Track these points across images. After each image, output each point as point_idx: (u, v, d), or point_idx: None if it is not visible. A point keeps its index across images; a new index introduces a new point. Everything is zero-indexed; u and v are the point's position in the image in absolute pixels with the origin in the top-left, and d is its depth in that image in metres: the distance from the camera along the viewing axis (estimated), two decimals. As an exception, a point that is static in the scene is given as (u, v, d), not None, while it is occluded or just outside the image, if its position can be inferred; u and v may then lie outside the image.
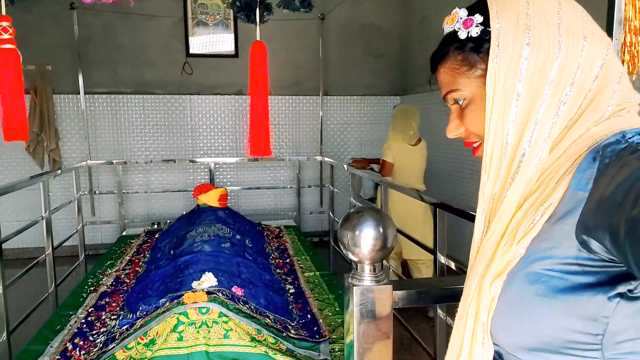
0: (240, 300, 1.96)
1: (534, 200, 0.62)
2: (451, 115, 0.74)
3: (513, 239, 0.62)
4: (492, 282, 0.63)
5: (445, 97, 0.73)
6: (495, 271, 0.64)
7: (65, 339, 2.02)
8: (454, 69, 0.71)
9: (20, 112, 2.52)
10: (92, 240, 5.10)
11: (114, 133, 5.20)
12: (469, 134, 0.73)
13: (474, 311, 0.65)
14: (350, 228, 1.06)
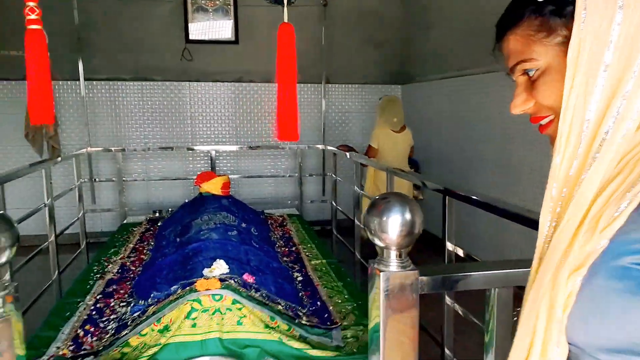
0: (252, 288, 1.96)
1: (618, 185, 0.57)
2: (517, 88, 0.67)
3: (594, 228, 0.56)
4: (570, 276, 0.57)
5: (514, 68, 0.67)
6: (573, 264, 0.58)
7: (75, 325, 2.01)
8: (529, 36, 0.64)
9: (47, 94, 2.48)
10: (91, 228, 5.07)
11: (112, 120, 5.15)
12: (539, 109, 0.66)
13: (546, 307, 0.59)
14: (377, 214, 1.06)
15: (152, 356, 1.67)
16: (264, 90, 5.45)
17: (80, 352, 1.78)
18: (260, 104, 5.47)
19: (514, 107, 0.68)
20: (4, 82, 4.88)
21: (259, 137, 5.50)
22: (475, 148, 4.09)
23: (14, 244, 0.91)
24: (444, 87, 4.67)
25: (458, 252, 2.23)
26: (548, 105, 0.65)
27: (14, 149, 4.99)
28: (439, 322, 2.32)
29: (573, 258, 0.57)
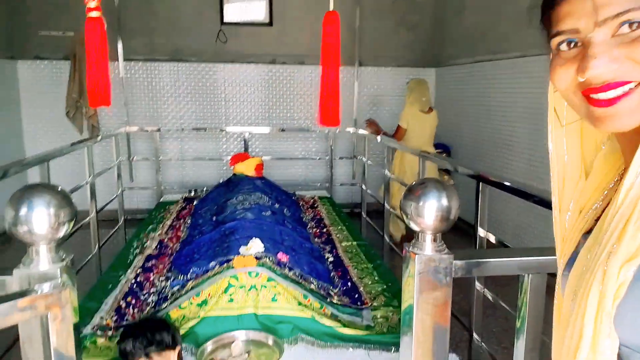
0: (285, 266, 2.02)
1: None
2: (599, 46, 0.56)
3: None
4: (623, 265, 0.54)
5: (616, 17, 0.55)
6: (626, 253, 0.54)
7: (118, 297, 2.12)
8: None
9: (105, 79, 2.59)
10: (129, 205, 5.24)
11: (149, 100, 5.28)
12: (627, 72, 0.56)
13: (596, 298, 0.56)
14: (414, 199, 1.09)
15: (191, 328, 1.75)
16: (297, 73, 5.46)
17: (122, 323, 1.88)
18: (294, 86, 5.49)
19: (595, 67, 0.56)
20: (45, 61, 5.05)
21: (290, 120, 5.54)
22: (507, 133, 4.02)
23: (72, 219, 0.97)
24: (476, 71, 4.59)
25: (490, 238, 2.23)
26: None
27: (53, 127, 5.18)
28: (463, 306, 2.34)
29: (626, 245, 0.54)
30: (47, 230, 0.93)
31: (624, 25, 0.55)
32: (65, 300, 0.91)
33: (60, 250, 1.00)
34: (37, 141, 5.14)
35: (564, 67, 0.61)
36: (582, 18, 0.57)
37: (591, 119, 0.60)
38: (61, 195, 0.95)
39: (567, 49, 0.61)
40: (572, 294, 0.62)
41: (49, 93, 5.09)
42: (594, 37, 0.57)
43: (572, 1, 0.59)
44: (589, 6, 0.56)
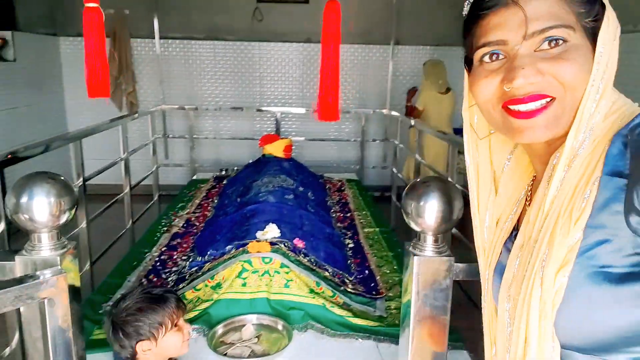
0: (301, 253, 2.02)
1: (581, 176, 0.59)
2: (525, 58, 0.60)
3: (569, 219, 0.59)
4: (557, 272, 0.59)
5: (542, 32, 0.60)
6: (557, 260, 0.59)
7: (141, 274, 2.19)
8: (571, 4, 0.61)
9: (103, 70, 2.64)
10: (165, 181, 5.39)
11: (185, 78, 5.35)
12: (547, 86, 0.61)
13: (537, 305, 0.61)
14: (415, 198, 1.05)
15: (205, 310, 1.79)
16: (332, 52, 5.38)
17: (142, 300, 1.94)
18: (328, 65, 5.42)
19: (523, 76, 0.60)
20: (88, 39, 5.18)
21: (324, 99, 5.49)
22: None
23: (72, 207, 1.00)
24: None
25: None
26: (565, 83, 0.60)
27: (95, 103, 5.33)
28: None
29: (557, 253, 0.59)
30: (48, 218, 0.96)
31: (545, 41, 0.60)
32: (62, 287, 0.94)
33: (63, 238, 1.02)
34: (79, 117, 5.33)
35: (487, 78, 0.64)
36: (512, 30, 0.61)
37: (509, 131, 0.64)
38: (61, 184, 0.98)
39: (490, 61, 0.64)
40: (506, 301, 0.67)
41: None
42: (521, 50, 0.61)
43: (502, 13, 0.62)
44: (519, 19, 0.60)
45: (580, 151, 0.60)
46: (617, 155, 0.57)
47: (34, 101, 4.68)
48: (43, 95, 4.88)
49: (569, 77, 0.60)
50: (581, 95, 0.60)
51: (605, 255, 0.57)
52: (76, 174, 2.69)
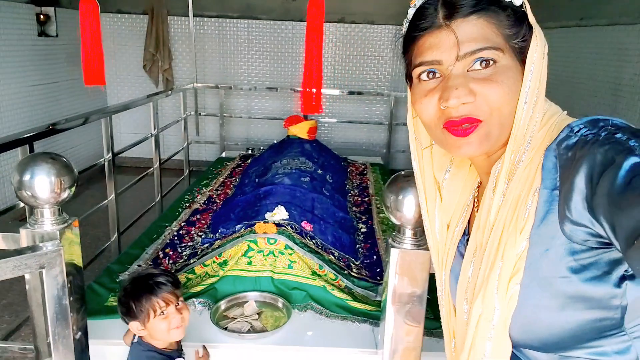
0: (307, 235, 2.07)
1: (522, 187, 0.64)
2: (458, 78, 0.64)
3: (515, 230, 0.63)
4: (509, 281, 0.64)
5: (473, 53, 0.64)
6: (509, 269, 0.64)
7: (158, 247, 2.31)
8: (502, 27, 0.64)
9: (99, 59, 2.74)
10: (196, 157, 5.55)
11: (219, 57, 5.43)
12: (476, 109, 0.64)
13: (492, 310, 0.66)
14: (395, 191, 1.07)
15: (211, 285, 1.88)
16: (365, 32, 5.34)
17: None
18: (361, 46, 5.38)
19: (456, 97, 0.64)
20: (125, 15, 5.33)
21: (356, 81, 5.47)
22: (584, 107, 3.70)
23: (72, 185, 1.08)
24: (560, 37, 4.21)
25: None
26: (492, 105, 0.64)
27: (133, 78, 5.52)
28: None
29: (507, 262, 0.63)
30: (49, 195, 1.05)
31: (477, 61, 0.64)
32: (59, 259, 1.02)
33: (64, 213, 1.11)
34: (118, 92, 5.53)
35: (427, 97, 0.68)
36: (445, 51, 0.64)
37: (449, 146, 0.69)
38: (61, 164, 1.05)
39: (427, 79, 0.68)
40: (464, 303, 0.73)
41: (129, 46, 5.41)
42: (454, 70, 0.65)
43: (436, 34, 0.65)
44: (452, 41, 0.64)
45: (520, 164, 0.64)
46: (552, 169, 0.61)
47: (75, 76, 4.89)
48: (84, 70, 5.08)
49: (495, 98, 0.64)
50: (508, 111, 0.64)
51: (548, 263, 0.61)
52: (105, 148, 2.82)
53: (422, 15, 0.67)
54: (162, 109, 5.46)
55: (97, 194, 3.22)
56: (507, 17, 0.65)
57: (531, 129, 0.64)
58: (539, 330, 0.63)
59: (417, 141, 0.82)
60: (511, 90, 0.64)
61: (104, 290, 1.91)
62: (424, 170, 0.83)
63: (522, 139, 0.64)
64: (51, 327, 1.08)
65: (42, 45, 4.38)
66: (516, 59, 0.65)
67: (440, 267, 0.82)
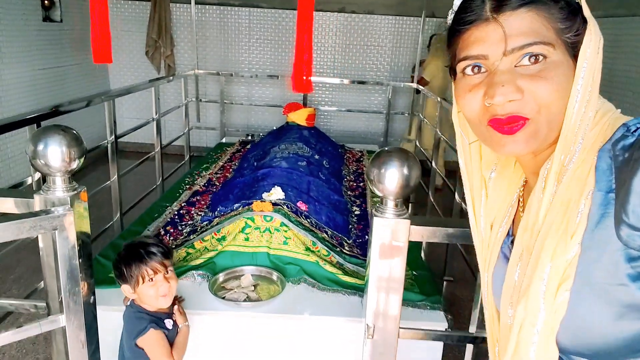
0: (302, 215, 2.17)
1: (573, 189, 0.60)
2: (505, 74, 0.61)
3: (565, 234, 0.60)
4: (559, 288, 0.60)
5: (521, 49, 0.60)
6: (558, 275, 0.60)
7: (159, 225, 2.41)
8: (554, 20, 0.60)
9: (106, 38, 2.82)
10: (197, 142, 5.64)
11: (221, 44, 5.50)
12: (523, 107, 0.61)
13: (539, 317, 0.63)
14: (378, 165, 1.17)
15: (210, 258, 1.98)
16: (365, 22, 5.40)
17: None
18: (361, 36, 5.45)
19: (502, 94, 0.61)
20: (128, 1, 5.40)
21: (355, 70, 5.54)
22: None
23: (81, 156, 1.17)
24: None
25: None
26: (541, 103, 0.61)
27: (136, 64, 5.60)
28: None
29: (557, 268, 0.60)
30: (60, 164, 1.14)
31: (525, 56, 0.60)
32: (70, 221, 1.12)
33: (74, 182, 1.21)
34: (121, 77, 5.61)
35: (471, 92, 0.65)
36: (492, 46, 0.61)
37: (493, 144, 0.66)
38: (71, 135, 1.15)
39: (472, 74, 0.65)
40: (509, 307, 0.69)
41: (132, 32, 5.48)
42: (501, 65, 0.61)
43: (482, 28, 0.62)
44: (499, 35, 0.60)
45: (570, 165, 0.61)
46: (607, 171, 0.58)
47: (79, 61, 4.97)
48: (87, 55, 5.14)
49: (545, 95, 0.60)
50: (557, 110, 0.61)
51: (603, 269, 0.57)
52: (109, 131, 2.91)
53: (469, 7, 0.63)
54: (163, 95, 5.54)
55: (101, 177, 3.32)
56: (559, 10, 0.60)
57: (583, 128, 0.61)
58: (592, 338, 0.60)
59: (463, 136, 0.78)
60: (561, 87, 0.60)
61: (108, 262, 2.01)
62: (472, 166, 0.79)
63: (573, 139, 0.61)
64: (62, 285, 1.18)
65: (46, 30, 4.45)
66: (568, 54, 0.61)
67: (483, 268, 0.79)
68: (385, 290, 1.23)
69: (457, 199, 2.92)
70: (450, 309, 2.85)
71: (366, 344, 1.28)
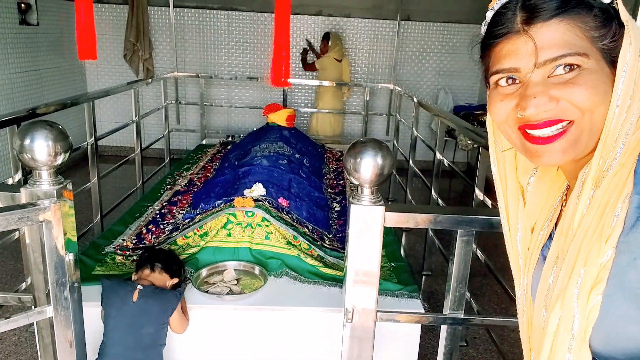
0: (283, 210, 2.23)
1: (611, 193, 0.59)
2: (537, 86, 0.61)
3: (600, 238, 0.59)
4: (591, 291, 0.59)
5: (553, 60, 0.60)
6: (591, 279, 0.59)
7: (141, 224, 2.43)
8: (587, 29, 0.59)
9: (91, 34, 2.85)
10: (178, 145, 5.65)
11: (201, 47, 5.53)
12: (563, 111, 0.60)
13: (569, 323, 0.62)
14: (354, 155, 1.23)
15: (193, 254, 2.02)
16: (342, 25, 5.48)
17: (139, 245, 2.18)
18: (339, 38, 5.53)
19: (535, 106, 0.60)
20: (105, 5, 5.38)
21: (334, 72, 5.61)
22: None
23: (67, 151, 1.21)
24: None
25: (487, 201, 2.32)
26: (581, 107, 0.60)
27: (114, 67, 5.58)
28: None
29: (589, 272, 0.59)
30: (46, 158, 1.17)
31: (559, 67, 0.60)
32: (57, 213, 1.16)
33: (60, 176, 1.24)
34: (99, 81, 5.58)
35: (503, 101, 0.65)
36: (524, 58, 0.61)
37: (527, 153, 0.65)
38: (57, 131, 1.19)
39: (506, 85, 0.65)
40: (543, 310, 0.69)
41: (110, 35, 5.46)
42: (533, 77, 0.61)
43: (514, 41, 0.62)
44: (530, 48, 0.60)
45: (610, 170, 0.60)
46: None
47: (56, 64, 4.93)
48: (64, 58, 5.12)
49: (582, 100, 0.59)
50: (600, 117, 0.60)
51: (637, 273, 0.56)
52: (88, 133, 2.92)
53: (500, 20, 0.63)
54: (143, 98, 5.53)
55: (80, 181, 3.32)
56: (593, 17, 0.59)
57: (624, 133, 0.59)
58: (625, 343, 0.59)
59: (496, 144, 0.76)
60: (598, 92, 0.59)
61: (90, 260, 2.03)
62: (506, 174, 0.77)
63: (613, 144, 0.59)
64: (50, 277, 1.21)
65: (23, 34, 4.42)
66: (604, 61, 0.60)
67: (523, 272, 0.78)
68: (363, 274, 1.29)
69: (434, 195, 3.01)
70: (428, 301, 2.94)
71: (346, 327, 1.34)
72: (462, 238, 1.28)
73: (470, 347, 2.53)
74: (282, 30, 2.98)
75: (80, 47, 2.89)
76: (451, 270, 1.34)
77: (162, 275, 1.76)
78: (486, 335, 2.54)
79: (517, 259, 0.78)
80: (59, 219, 1.16)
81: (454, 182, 5.27)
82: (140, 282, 1.69)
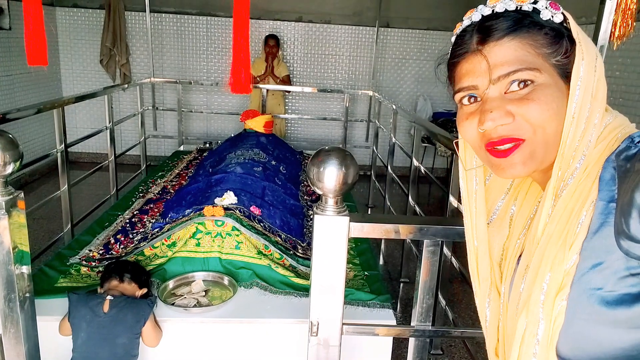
0: (255, 219, 2.18)
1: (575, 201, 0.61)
2: (493, 101, 0.64)
3: (564, 245, 0.61)
4: (556, 297, 0.61)
5: (504, 76, 0.63)
6: (556, 285, 0.61)
7: (110, 234, 2.37)
8: (536, 46, 0.63)
9: (42, 39, 2.78)
10: (155, 152, 5.56)
11: (179, 52, 5.46)
12: (517, 128, 0.64)
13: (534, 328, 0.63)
14: (317, 164, 1.20)
15: (160, 265, 1.96)
16: (322, 32, 5.47)
17: (106, 256, 2.12)
18: (318, 45, 5.51)
19: (491, 120, 0.64)
20: (82, 9, 5.30)
21: (314, 79, 5.60)
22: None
23: (17, 160, 1.15)
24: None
25: (461, 208, 2.30)
26: (533, 123, 0.63)
27: (90, 73, 5.48)
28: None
29: (554, 277, 0.61)
30: (-6, 168, 1.12)
31: (514, 83, 0.64)
32: (5, 226, 1.10)
33: (10, 187, 1.18)
34: (74, 85, 5.47)
35: (468, 120, 0.69)
36: (480, 76, 0.66)
37: (492, 167, 0.69)
38: (7, 140, 1.13)
39: (469, 103, 0.69)
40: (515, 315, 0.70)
41: (85, 40, 5.37)
42: (489, 93, 0.65)
43: (471, 60, 0.67)
44: (485, 66, 0.65)
45: (570, 180, 0.62)
46: (610, 181, 0.59)
47: (29, 69, 4.82)
48: (38, 63, 5.01)
49: (535, 116, 0.62)
50: (553, 130, 0.63)
51: (600, 277, 0.58)
52: (58, 140, 2.84)
53: (460, 42, 0.68)
54: (120, 104, 5.45)
55: (52, 189, 3.23)
56: (544, 35, 0.63)
57: (584, 144, 0.62)
58: (591, 347, 0.60)
59: (462, 162, 0.80)
60: (551, 107, 0.62)
61: (54, 272, 1.96)
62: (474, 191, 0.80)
63: (572, 155, 0.62)
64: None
65: (-6, 38, 4.32)
66: (558, 75, 0.64)
67: (501, 281, 0.79)
68: (328, 286, 1.26)
69: (411, 202, 3.00)
70: (406, 309, 2.91)
71: (311, 341, 1.30)
72: (428, 248, 1.26)
73: (446, 355, 2.51)
74: (241, 34, 2.94)
75: (29, 52, 2.81)
76: (418, 280, 1.31)
77: (131, 286, 1.72)
78: (462, 343, 2.52)
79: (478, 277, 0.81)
80: (6, 232, 1.10)
81: (433, 188, 5.28)
82: (110, 293, 1.64)
